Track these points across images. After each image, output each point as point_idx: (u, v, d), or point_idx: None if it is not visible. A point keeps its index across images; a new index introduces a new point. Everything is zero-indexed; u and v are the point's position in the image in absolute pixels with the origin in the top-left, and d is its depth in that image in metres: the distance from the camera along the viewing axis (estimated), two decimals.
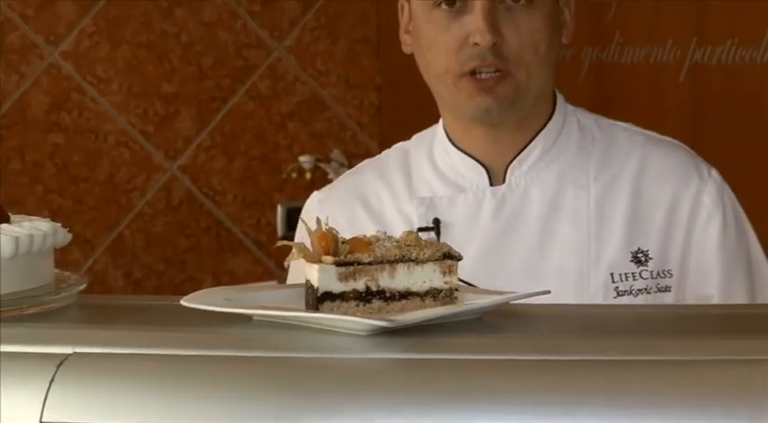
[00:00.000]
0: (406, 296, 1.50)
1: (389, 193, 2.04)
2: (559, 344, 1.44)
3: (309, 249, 1.50)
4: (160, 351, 1.41)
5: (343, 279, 1.48)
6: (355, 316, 1.44)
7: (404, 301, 1.50)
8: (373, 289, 1.49)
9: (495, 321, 1.51)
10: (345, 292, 1.48)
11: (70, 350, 1.38)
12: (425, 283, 1.51)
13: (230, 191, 4.43)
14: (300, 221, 2.06)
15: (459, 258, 1.52)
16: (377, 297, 1.49)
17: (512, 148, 1.99)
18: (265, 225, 4.40)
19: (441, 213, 1.98)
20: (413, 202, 2.01)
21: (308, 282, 1.49)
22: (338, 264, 1.48)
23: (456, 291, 1.52)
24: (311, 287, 1.48)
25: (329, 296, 1.48)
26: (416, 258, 1.50)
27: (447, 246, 1.53)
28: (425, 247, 1.52)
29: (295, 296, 1.53)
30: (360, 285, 1.49)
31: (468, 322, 1.50)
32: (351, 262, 1.48)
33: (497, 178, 2.00)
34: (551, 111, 2.02)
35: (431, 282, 1.51)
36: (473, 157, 2.00)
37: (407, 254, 1.50)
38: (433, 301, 1.51)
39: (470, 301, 1.52)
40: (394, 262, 1.50)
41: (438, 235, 1.95)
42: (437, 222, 1.96)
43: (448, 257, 1.52)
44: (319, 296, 1.47)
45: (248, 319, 1.50)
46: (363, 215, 2.00)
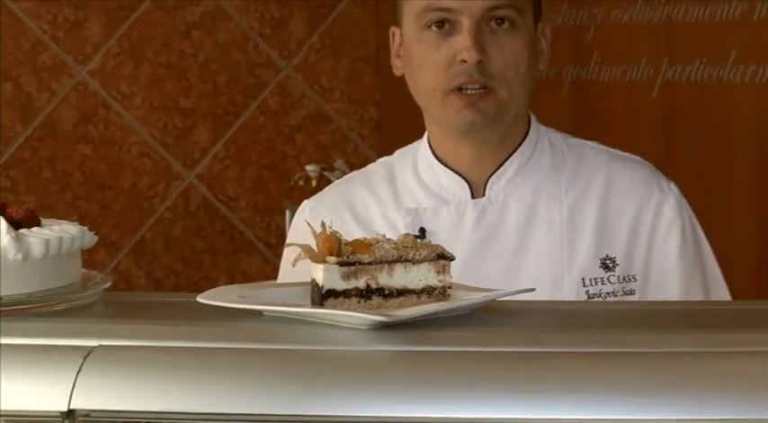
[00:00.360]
0: (403, 293, 1.50)
1: (376, 202, 2.03)
2: (542, 337, 1.44)
3: (315, 250, 1.49)
4: (178, 343, 1.41)
5: (346, 278, 1.48)
6: (357, 312, 1.44)
7: (401, 298, 1.49)
8: (373, 287, 1.49)
9: (483, 317, 1.51)
10: (348, 290, 1.48)
11: (96, 343, 1.38)
12: (421, 281, 1.51)
13: (243, 197, 4.43)
14: (292, 227, 2.08)
15: (451, 259, 1.52)
16: (376, 294, 1.49)
17: (492, 163, 2.00)
18: (275, 228, 4.40)
19: (426, 223, 1.98)
20: (399, 211, 2.01)
21: (314, 280, 1.49)
22: (341, 264, 1.47)
23: (449, 288, 1.51)
24: (316, 285, 1.48)
25: (333, 293, 1.47)
26: (413, 259, 1.50)
27: (441, 247, 1.52)
28: (421, 248, 1.51)
29: (302, 293, 1.52)
30: (361, 283, 1.48)
31: (460, 317, 1.50)
32: (353, 262, 1.48)
33: (478, 191, 2.00)
34: (526, 131, 2.02)
35: (426, 280, 1.51)
36: (456, 172, 2.00)
37: (405, 254, 1.50)
38: (428, 297, 1.50)
39: (462, 299, 1.51)
40: (392, 262, 1.49)
41: None
42: (423, 231, 1.96)
43: (442, 258, 1.51)
44: (324, 293, 1.47)
45: (259, 314, 1.49)
46: (351, 222, 1.99)
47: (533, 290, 1.56)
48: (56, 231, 1.53)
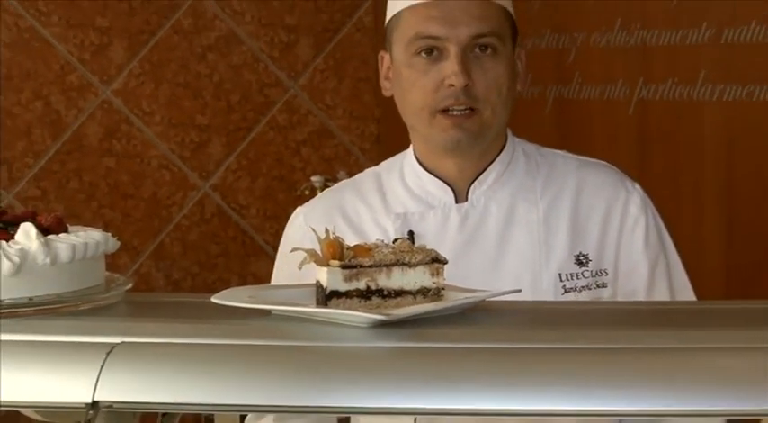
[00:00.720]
0: (400, 294, 1.49)
1: (367, 208, 2.04)
2: (528, 334, 1.44)
3: (319, 255, 1.49)
4: (194, 340, 1.40)
5: (348, 279, 1.47)
6: (358, 311, 1.44)
7: (399, 298, 1.49)
8: (373, 288, 1.48)
9: (474, 315, 1.51)
10: (350, 291, 1.47)
11: (118, 340, 1.38)
12: (417, 282, 1.50)
13: (253, 206, 4.43)
14: (285, 232, 2.12)
15: (444, 262, 1.52)
16: (376, 295, 1.48)
17: (473, 172, 2.01)
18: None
19: (414, 226, 1.98)
20: (389, 216, 2.01)
21: (318, 282, 1.49)
22: (343, 267, 1.47)
23: (442, 289, 1.51)
24: (321, 286, 1.48)
25: (336, 294, 1.47)
26: (409, 262, 1.50)
27: (435, 252, 1.52)
28: (417, 252, 1.51)
29: (307, 294, 1.52)
30: (362, 285, 1.48)
31: (452, 316, 1.49)
32: (354, 265, 1.48)
33: (461, 197, 2.01)
34: (504, 142, 2.03)
35: (421, 282, 1.50)
36: (441, 179, 2.01)
37: (402, 258, 1.50)
38: (423, 298, 1.50)
39: (454, 299, 1.51)
40: (390, 265, 1.49)
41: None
42: (411, 234, 1.97)
43: (436, 261, 1.51)
44: (327, 294, 1.47)
45: (268, 313, 1.49)
46: (344, 227, 1.99)
47: (519, 290, 1.57)
48: (82, 237, 1.52)
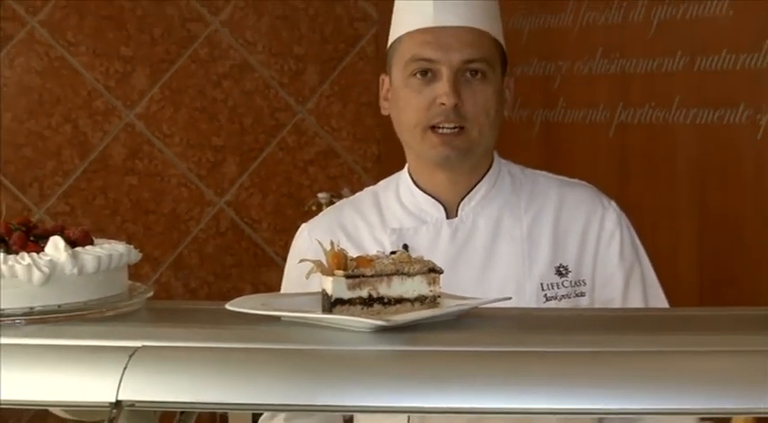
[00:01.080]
0: (400, 301, 1.49)
1: (365, 224, 2.04)
2: (518, 338, 1.44)
3: (325, 265, 1.49)
4: (210, 344, 1.40)
5: (351, 288, 1.47)
6: (360, 317, 1.43)
7: (398, 306, 1.49)
8: (374, 296, 1.48)
9: (468, 321, 1.50)
10: (353, 299, 1.47)
11: (140, 344, 1.38)
12: (415, 291, 1.50)
13: (265, 220, 4.42)
14: (292, 246, 2.11)
15: (440, 272, 1.51)
16: (377, 302, 1.48)
17: (463, 188, 2.01)
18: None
19: (408, 240, 1.98)
20: (385, 231, 2.01)
21: (324, 290, 1.48)
22: (347, 276, 1.47)
23: (439, 297, 1.51)
24: (326, 294, 1.48)
25: (340, 301, 1.47)
26: (408, 272, 1.50)
27: (431, 262, 1.52)
28: (415, 263, 1.51)
29: (314, 302, 1.52)
30: (364, 293, 1.48)
31: (448, 321, 1.49)
32: (357, 275, 1.47)
33: (451, 212, 2.01)
34: (490, 163, 2.03)
35: (419, 290, 1.50)
36: (432, 196, 2.01)
37: (401, 268, 1.49)
38: (421, 305, 1.50)
39: (449, 306, 1.51)
40: (390, 275, 1.49)
41: None
42: (406, 247, 1.97)
43: (432, 271, 1.51)
44: (332, 301, 1.46)
45: (278, 319, 1.49)
46: (344, 241, 1.98)
47: (509, 298, 1.57)
48: (106, 249, 1.52)
